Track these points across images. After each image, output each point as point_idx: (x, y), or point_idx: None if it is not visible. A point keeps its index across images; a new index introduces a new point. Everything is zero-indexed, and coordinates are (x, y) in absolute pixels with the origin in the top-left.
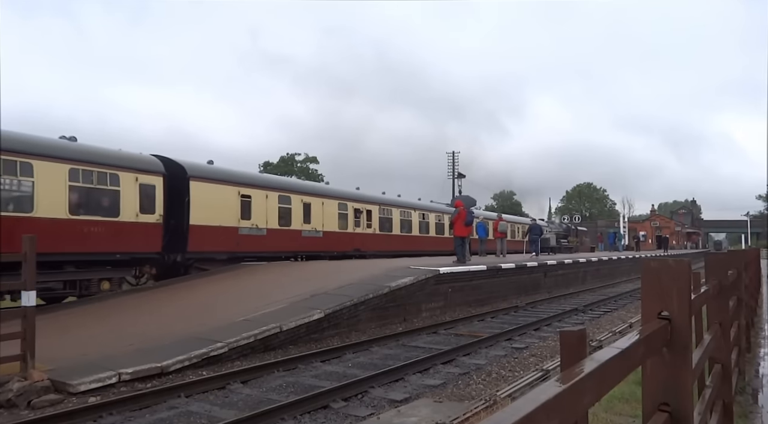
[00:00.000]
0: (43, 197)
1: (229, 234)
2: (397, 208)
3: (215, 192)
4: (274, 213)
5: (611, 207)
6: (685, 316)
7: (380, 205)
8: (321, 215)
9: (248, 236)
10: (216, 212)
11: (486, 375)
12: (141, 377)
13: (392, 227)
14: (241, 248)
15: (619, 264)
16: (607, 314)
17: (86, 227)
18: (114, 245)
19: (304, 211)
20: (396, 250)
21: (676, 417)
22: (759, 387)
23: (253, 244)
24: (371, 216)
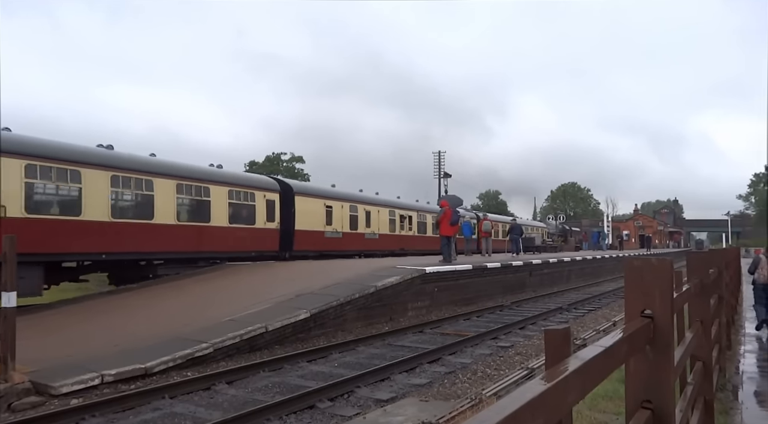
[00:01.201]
0: (215, 211)
1: (318, 236)
2: (429, 214)
3: (310, 204)
4: (347, 220)
5: (595, 206)
6: (667, 314)
7: (417, 212)
8: (377, 220)
9: (330, 238)
10: (311, 219)
11: (472, 374)
12: (124, 378)
13: (426, 230)
14: (325, 247)
15: (603, 263)
16: (591, 312)
17: (238, 233)
18: (252, 245)
19: (366, 218)
20: (430, 249)
21: (658, 414)
22: (739, 384)
23: (334, 244)
24: (412, 221)
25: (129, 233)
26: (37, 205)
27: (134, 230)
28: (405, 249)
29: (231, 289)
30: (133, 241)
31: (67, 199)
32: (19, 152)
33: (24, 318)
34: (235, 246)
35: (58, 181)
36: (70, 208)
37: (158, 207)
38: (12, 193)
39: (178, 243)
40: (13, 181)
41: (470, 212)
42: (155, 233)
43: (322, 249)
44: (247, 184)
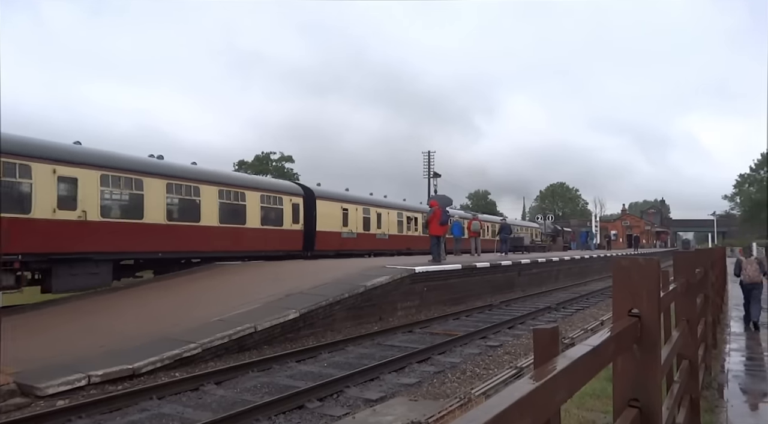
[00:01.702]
0: (250, 215)
1: (336, 237)
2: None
3: (329, 207)
4: (361, 222)
5: (583, 206)
6: (654, 313)
7: (422, 214)
8: (387, 222)
9: (347, 238)
10: (330, 221)
11: (461, 373)
12: (112, 379)
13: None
14: (342, 247)
15: (592, 263)
16: (579, 311)
17: (269, 234)
18: (280, 244)
19: (378, 219)
20: None
21: (645, 412)
22: (725, 382)
23: (350, 244)
24: (417, 222)
25: (180, 234)
26: (109, 210)
27: (184, 232)
28: (411, 249)
29: (220, 289)
30: (183, 241)
31: (132, 205)
32: (96, 164)
33: (10, 318)
34: (266, 246)
35: (125, 189)
36: (134, 213)
37: (203, 211)
38: (90, 199)
39: (220, 243)
40: (92, 190)
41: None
42: (201, 234)
43: (339, 248)
44: (276, 189)
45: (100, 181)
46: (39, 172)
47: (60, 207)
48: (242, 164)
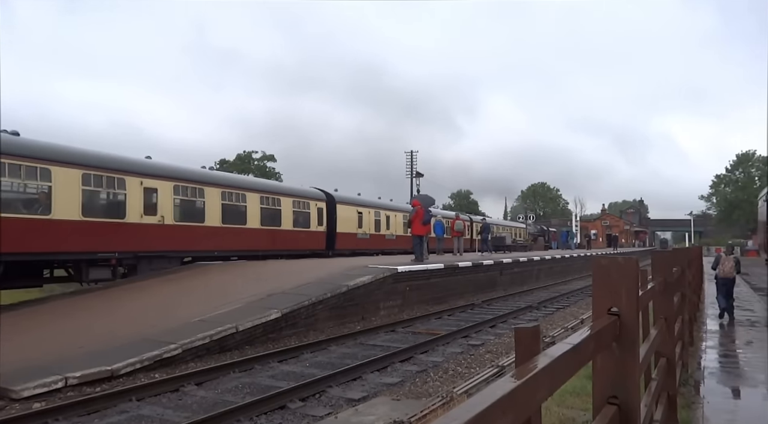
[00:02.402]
0: (284, 218)
1: (353, 237)
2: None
3: (346, 211)
4: (372, 224)
5: (564, 206)
6: (633, 312)
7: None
8: (395, 224)
9: (361, 239)
10: (347, 223)
11: (443, 372)
12: (89, 380)
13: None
14: (357, 246)
15: (572, 262)
16: (560, 310)
17: (299, 235)
18: (307, 244)
19: (387, 221)
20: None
21: (624, 409)
22: (701, 379)
23: (364, 244)
24: None
25: (231, 235)
26: (180, 215)
27: (234, 233)
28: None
29: (201, 289)
30: (233, 241)
31: (198, 210)
32: (169, 176)
33: None
34: (295, 245)
35: (192, 197)
36: (199, 217)
37: (249, 215)
38: (166, 206)
39: (261, 243)
40: (167, 198)
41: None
42: (247, 235)
43: (355, 248)
44: (304, 195)
45: (173, 190)
46: (131, 185)
47: (145, 213)
48: (223, 163)
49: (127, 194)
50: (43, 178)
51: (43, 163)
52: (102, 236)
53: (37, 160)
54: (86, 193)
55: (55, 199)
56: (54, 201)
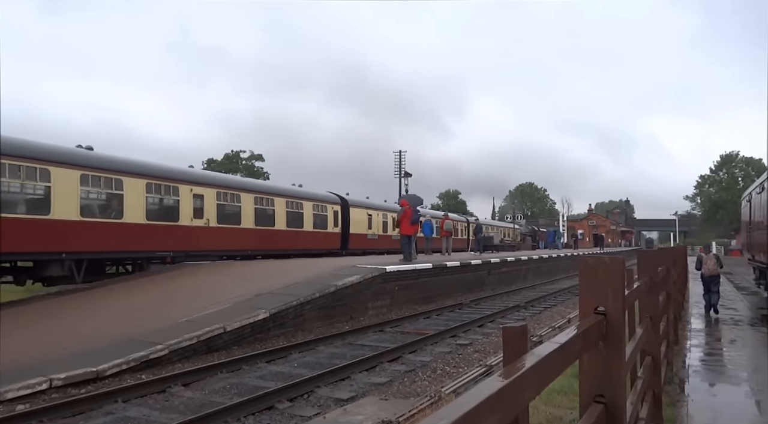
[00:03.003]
0: (306, 220)
1: (363, 238)
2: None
3: (358, 214)
4: (380, 225)
5: (551, 206)
6: (619, 311)
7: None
8: None
9: (370, 239)
10: (359, 225)
11: (431, 372)
12: (75, 382)
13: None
14: (367, 246)
15: (559, 262)
16: (547, 309)
17: (317, 235)
18: (324, 244)
19: (392, 222)
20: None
21: (610, 408)
22: (685, 377)
23: (373, 244)
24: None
25: (263, 236)
26: (222, 218)
27: (265, 234)
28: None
29: (188, 289)
30: (265, 241)
31: (234, 213)
32: (213, 184)
33: None
34: (315, 245)
35: (231, 202)
36: (236, 220)
37: (276, 218)
38: (210, 210)
39: (286, 243)
40: (211, 203)
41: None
42: (276, 236)
43: (365, 247)
44: (322, 199)
45: (216, 196)
46: (183, 192)
47: (194, 216)
48: (211, 163)
49: (180, 200)
50: (117, 187)
51: (117, 175)
52: (160, 237)
53: (113, 171)
54: (149, 199)
55: (126, 205)
56: (125, 207)
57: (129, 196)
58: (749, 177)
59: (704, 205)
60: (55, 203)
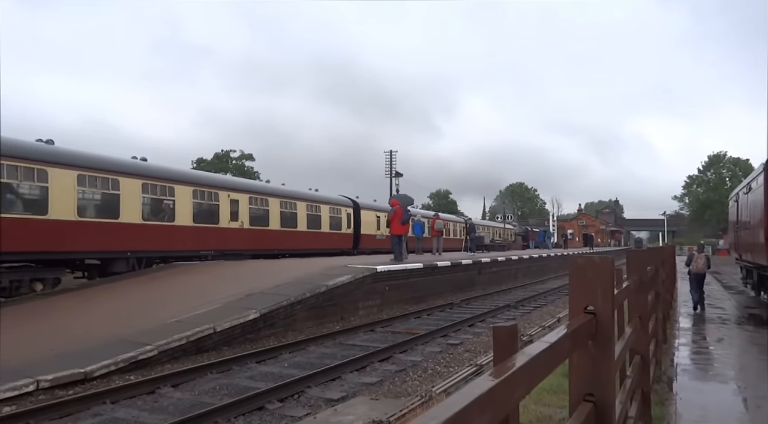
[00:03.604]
0: (323, 222)
1: (372, 238)
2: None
3: (368, 215)
4: None
5: (541, 206)
6: (608, 310)
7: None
8: None
9: (379, 240)
10: (368, 226)
11: (422, 372)
12: (62, 383)
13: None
14: (376, 246)
15: (549, 261)
16: (537, 309)
17: (333, 236)
18: (338, 244)
19: None
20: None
21: (600, 407)
22: (674, 376)
23: (381, 244)
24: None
25: (286, 236)
26: (254, 221)
27: (289, 235)
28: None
29: (178, 289)
30: (288, 241)
31: (263, 216)
32: (245, 190)
33: None
34: (331, 245)
35: (260, 206)
36: (265, 222)
37: (299, 220)
38: (244, 214)
39: (307, 243)
40: (245, 207)
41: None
42: (297, 236)
43: (374, 247)
44: (337, 203)
45: (249, 201)
46: (222, 198)
47: (231, 219)
48: (201, 162)
49: (219, 205)
50: (170, 194)
51: (169, 183)
52: (204, 238)
53: (166, 180)
54: (195, 204)
55: (177, 210)
56: (176, 211)
57: (179, 202)
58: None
59: (692, 205)
60: (123, 209)
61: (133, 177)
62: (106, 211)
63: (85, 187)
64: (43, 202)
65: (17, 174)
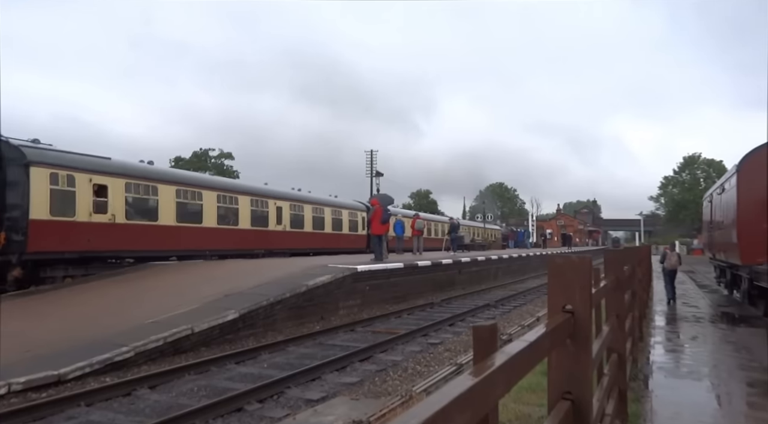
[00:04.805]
0: (344, 225)
1: None
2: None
3: None
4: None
5: (521, 206)
6: (586, 309)
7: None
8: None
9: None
10: None
11: (402, 371)
12: (35, 386)
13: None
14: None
15: (528, 261)
16: (516, 308)
17: (350, 237)
18: (354, 244)
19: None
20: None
21: (577, 404)
22: (650, 373)
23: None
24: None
25: (316, 237)
26: (293, 224)
27: (318, 236)
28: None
29: (155, 290)
30: (316, 241)
31: (300, 220)
32: (287, 198)
33: None
34: (348, 245)
35: (299, 212)
36: (301, 225)
37: (325, 223)
38: (286, 218)
39: (331, 243)
40: (287, 212)
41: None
42: (324, 237)
43: None
44: (353, 207)
45: (290, 207)
46: (270, 205)
47: (277, 223)
48: (179, 161)
49: (268, 211)
50: (234, 203)
51: (233, 194)
52: (257, 239)
53: (231, 191)
54: (252, 211)
55: (240, 215)
56: (239, 217)
57: (241, 209)
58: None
59: (668, 205)
60: (205, 215)
61: (211, 190)
62: (194, 218)
63: (180, 198)
64: (155, 211)
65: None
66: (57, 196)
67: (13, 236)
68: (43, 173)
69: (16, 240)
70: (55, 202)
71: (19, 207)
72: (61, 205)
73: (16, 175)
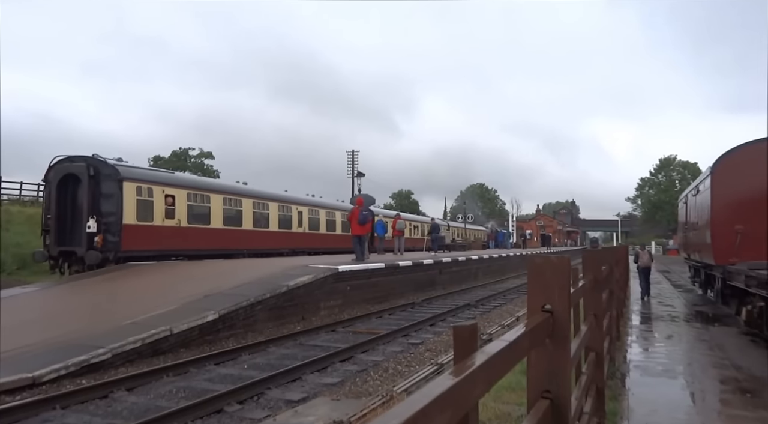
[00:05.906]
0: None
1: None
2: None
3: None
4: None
5: (501, 207)
6: (565, 309)
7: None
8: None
9: (388, 240)
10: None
11: (383, 371)
12: (8, 389)
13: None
14: (387, 245)
15: (508, 261)
16: (497, 308)
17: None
18: None
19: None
20: None
21: (556, 403)
22: (626, 372)
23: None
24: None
25: (331, 238)
26: (311, 226)
27: (333, 237)
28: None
29: (134, 290)
30: (332, 242)
31: (317, 223)
32: (306, 203)
33: None
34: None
35: (315, 215)
36: (317, 227)
37: (337, 226)
38: (323, 223)
39: (341, 243)
40: (323, 218)
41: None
42: (335, 238)
43: (387, 246)
44: None
45: (308, 212)
46: (294, 210)
47: (298, 225)
48: (158, 160)
49: (291, 216)
50: (266, 209)
51: (265, 200)
52: (282, 239)
53: (263, 199)
54: (279, 215)
55: (270, 219)
56: (269, 220)
57: (271, 214)
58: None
59: (644, 206)
60: (244, 220)
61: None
62: (234, 222)
63: (226, 205)
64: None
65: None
66: (141, 205)
67: (110, 237)
68: (132, 186)
69: (112, 241)
70: (140, 210)
71: (113, 214)
72: (144, 212)
73: (111, 189)
